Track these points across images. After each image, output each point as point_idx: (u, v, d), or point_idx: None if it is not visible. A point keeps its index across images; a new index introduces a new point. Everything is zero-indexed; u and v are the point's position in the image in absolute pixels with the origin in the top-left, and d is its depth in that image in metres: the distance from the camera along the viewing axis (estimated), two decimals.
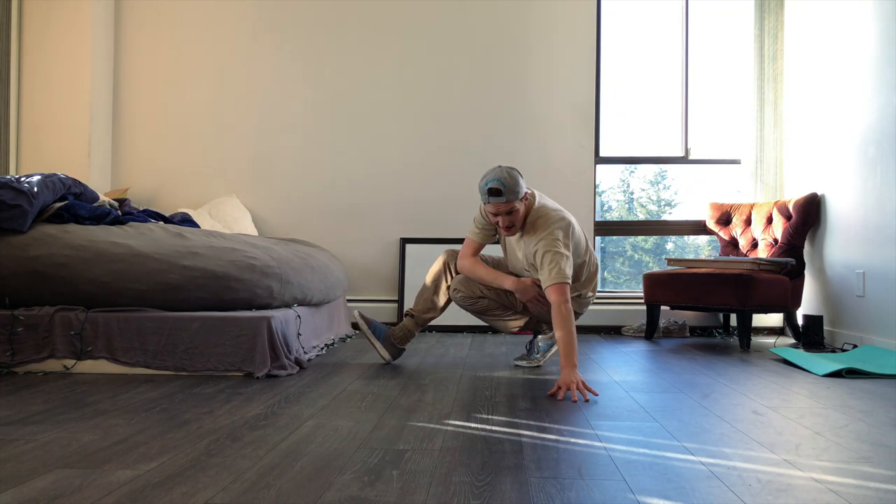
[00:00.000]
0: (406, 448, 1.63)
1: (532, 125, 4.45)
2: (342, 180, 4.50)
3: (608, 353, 3.42)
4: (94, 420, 1.87)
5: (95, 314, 2.65)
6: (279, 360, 2.63)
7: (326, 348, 3.36)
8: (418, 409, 2.07)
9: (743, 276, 3.59)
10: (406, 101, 4.49)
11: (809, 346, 3.60)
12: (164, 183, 4.55)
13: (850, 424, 1.93)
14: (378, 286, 4.46)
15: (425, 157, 4.48)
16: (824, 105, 3.91)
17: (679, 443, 1.71)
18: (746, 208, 4.28)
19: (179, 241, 2.83)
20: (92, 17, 4.33)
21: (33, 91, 4.32)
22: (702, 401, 2.25)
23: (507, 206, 2.62)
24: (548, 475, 1.44)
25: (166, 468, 1.45)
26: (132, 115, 4.57)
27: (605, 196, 4.86)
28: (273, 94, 4.53)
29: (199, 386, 2.39)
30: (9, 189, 2.70)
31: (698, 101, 4.56)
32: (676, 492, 1.34)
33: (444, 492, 1.33)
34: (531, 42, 4.46)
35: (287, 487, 1.34)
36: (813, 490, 1.37)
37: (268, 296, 2.85)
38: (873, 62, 3.46)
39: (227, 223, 4.19)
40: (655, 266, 4.87)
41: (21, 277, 2.66)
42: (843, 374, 2.76)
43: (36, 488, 1.31)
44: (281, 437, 1.71)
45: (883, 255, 3.38)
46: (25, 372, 2.60)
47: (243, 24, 4.54)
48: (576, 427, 1.86)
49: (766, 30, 4.32)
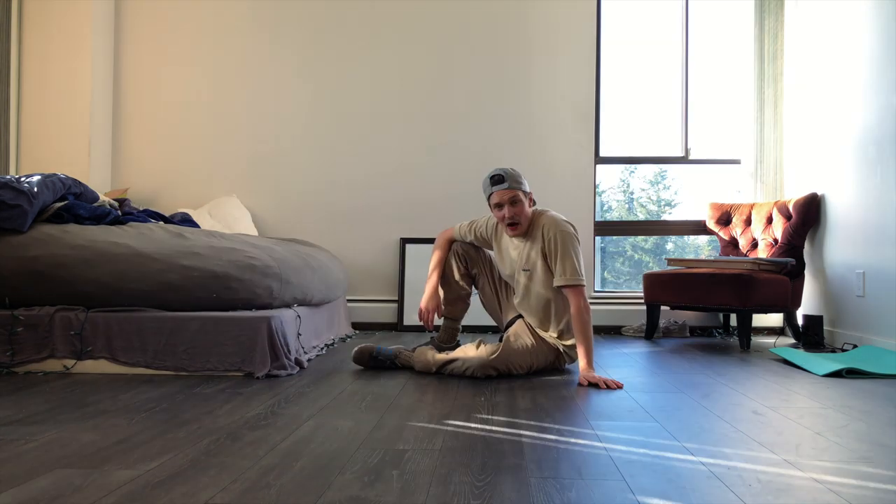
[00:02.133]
0: (406, 448, 1.63)
1: (532, 125, 4.45)
2: (342, 180, 4.50)
3: (608, 353, 3.41)
4: (94, 420, 1.87)
5: (95, 314, 2.65)
6: (279, 360, 2.63)
7: (326, 348, 3.36)
8: (418, 409, 2.07)
9: (743, 276, 3.59)
10: (406, 101, 4.49)
11: (809, 346, 3.60)
12: (164, 183, 4.55)
13: (850, 424, 1.93)
14: (378, 286, 4.46)
15: (425, 157, 4.48)
16: (824, 105, 3.92)
17: (679, 443, 1.71)
18: (746, 208, 4.28)
19: (179, 241, 2.83)
20: (92, 17, 4.33)
21: (33, 91, 4.32)
22: (702, 401, 2.25)
23: (510, 192, 2.62)
24: (548, 475, 1.44)
25: (166, 468, 1.45)
26: (132, 115, 4.57)
27: (605, 196, 4.86)
28: (273, 94, 4.53)
29: (199, 386, 2.39)
30: (9, 189, 2.70)
31: (698, 101, 4.56)
32: (676, 492, 1.34)
33: (444, 492, 1.33)
34: (531, 42, 4.46)
35: (287, 487, 1.34)
36: (813, 490, 1.37)
37: (268, 296, 2.85)
38: (873, 62, 3.46)
39: (227, 223, 4.19)
40: (655, 266, 4.87)
41: (21, 277, 2.66)
42: (843, 374, 2.76)
43: (36, 488, 1.31)
44: (281, 437, 1.71)
45: (883, 255, 3.38)
46: (25, 372, 2.60)
47: (243, 24, 4.54)
48: (576, 427, 1.86)
49: (766, 30, 4.32)
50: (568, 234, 2.64)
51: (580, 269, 2.63)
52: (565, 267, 2.61)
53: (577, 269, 2.61)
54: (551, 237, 2.64)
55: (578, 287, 2.60)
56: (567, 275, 2.60)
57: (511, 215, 2.65)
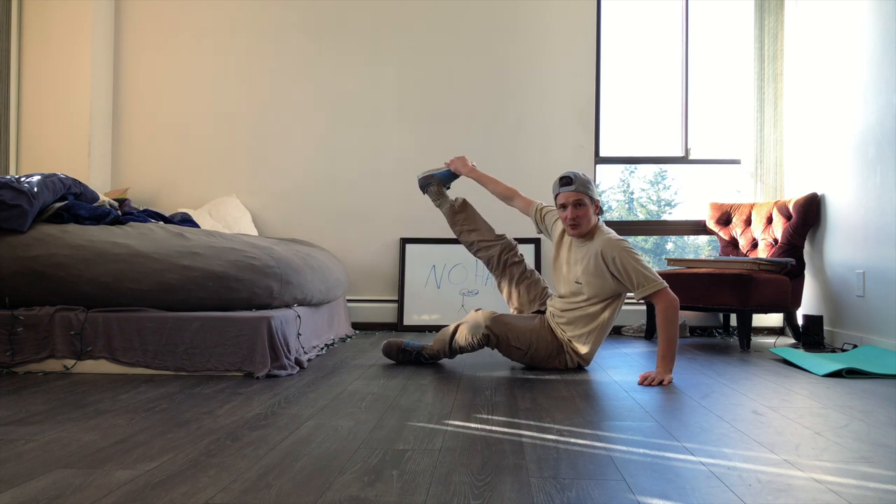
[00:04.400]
0: (406, 448, 1.63)
1: (532, 125, 4.45)
2: (342, 180, 4.50)
3: (608, 353, 3.41)
4: (94, 420, 1.87)
5: (95, 314, 2.65)
6: (279, 360, 2.63)
7: (326, 348, 3.36)
8: (418, 409, 2.07)
9: (743, 276, 3.59)
10: (406, 101, 4.49)
11: (809, 346, 3.60)
12: (164, 183, 4.54)
13: (850, 424, 1.93)
14: (378, 286, 4.46)
15: (425, 157, 4.47)
16: (824, 105, 3.91)
17: (679, 443, 1.71)
18: (746, 208, 4.28)
19: (179, 241, 2.83)
20: (92, 17, 4.33)
21: (33, 91, 4.32)
22: (702, 401, 2.25)
23: (576, 195, 2.67)
24: (548, 475, 1.44)
25: (166, 468, 1.45)
26: (132, 115, 4.57)
27: (605, 196, 4.87)
28: (273, 94, 4.52)
29: (199, 386, 2.39)
30: (9, 189, 2.70)
31: (698, 101, 4.57)
32: (676, 492, 1.34)
33: (444, 492, 1.33)
34: (531, 42, 4.46)
35: (287, 487, 1.34)
36: (813, 490, 1.37)
37: (268, 296, 2.85)
38: (873, 62, 3.46)
39: (227, 223, 4.19)
40: (655, 266, 4.87)
41: (21, 277, 2.66)
42: (843, 374, 2.76)
43: (36, 488, 1.31)
44: (281, 437, 1.71)
45: (883, 255, 3.37)
46: (25, 372, 2.60)
47: (243, 24, 4.54)
48: (576, 427, 1.86)
49: (766, 30, 4.32)
50: (625, 250, 2.65)
51: (649, 273, 2.64)
52: (634, 280, 2.60)
53: (646, 275, 2.62)
54: (613, 257, 2.64)
55: (662, 291, 2.60)
56: (643, 286, 2.60)
57: (573, 217, 2.68)
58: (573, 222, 2.69)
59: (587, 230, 2.72)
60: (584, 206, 2.68)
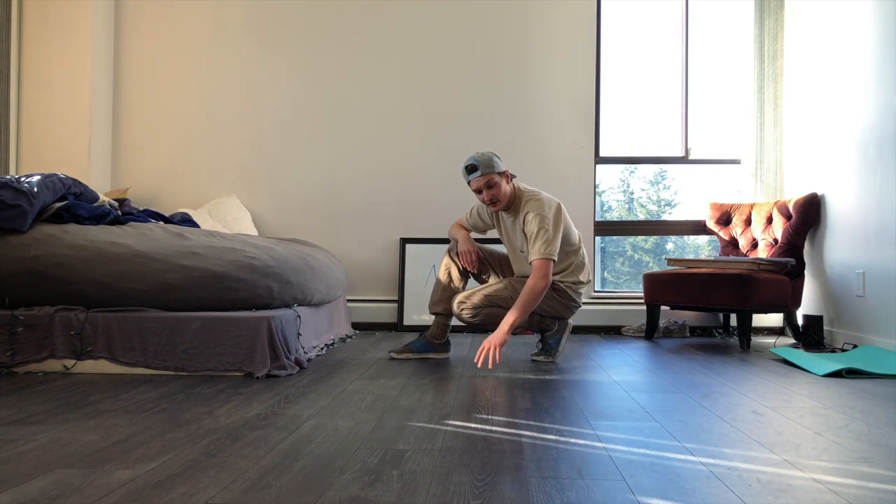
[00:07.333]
0: (406, 448, 1.63)
1: (532, 125, 4.45)
2: (342, 180, 4.50)
3: (608, 353, 3.41)
4: (94, 420, 1.87)
5: (95, 314, 2.65)
6: (279, 360, 2.63)
7: (326, 348, 3.36)
8: (418, 409, 2.07)
9: (743, 276, 3.59)
10: (406, 102, 4.49)
11: (809, 346, 3.60)
12: (164, 183, 4.55)
13: (850, 424, 1.93)
14: (378, 286, 4.46)
15: (425, 157, 4.48)
16: (824, 105, 3.91)
17: (679, 443, 1.71)
18: (746, 208, 4.28)
19: (179, 241, 2.83)
20: (92, 17, 4.33)
21: (33, 91, 4.32)
22: (702, 401, 2.25)
23: (485, 178, 2.84)
24: (548, 475, 1.44)
25: (166, 468, 1.45)
26: (132, 116, 4.57)
27: (605, 196, 4.86)
28: (273, 94, 4.53)
29: (199, 386, 2.39)
30: (9, 189, 2.70)
31: (698, 101, 4.56)
32: (676, 492, 1.34)
33: (444, 492, 1.33)
34: (531, 42, 4.46)
35: (287, 487, 1.34)
36: (813, 490, 1.37)
37: (268, 296, 2.85)
38: (873, 62, 3.46)
39: (227, 223, 4.19)
40: (655, 266, 4.87)
41: (21, 277, 2.66)
42: (843, 374, 2.76)
43: (36, 488, 1.31)
44: (281, 437, 1.71)
45: (883, 255, 3.38)
46: (25, 372, 2.60)
47: (243, 24, 4.54)
48: (576, 427, 1.86)
49: (766, 30, 4.32)
50: (538, 214, 2.80)
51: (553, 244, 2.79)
52: (537, 246, 2.79)
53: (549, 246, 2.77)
54: (525, 217, 2.85)
55: (545, 260, 2.76)
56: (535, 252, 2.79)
57: (490, 197, 2.87)
58: (492, 201, 2.88)
59: (508, 202, 2.92)
60: (495, 184, 2.85)
